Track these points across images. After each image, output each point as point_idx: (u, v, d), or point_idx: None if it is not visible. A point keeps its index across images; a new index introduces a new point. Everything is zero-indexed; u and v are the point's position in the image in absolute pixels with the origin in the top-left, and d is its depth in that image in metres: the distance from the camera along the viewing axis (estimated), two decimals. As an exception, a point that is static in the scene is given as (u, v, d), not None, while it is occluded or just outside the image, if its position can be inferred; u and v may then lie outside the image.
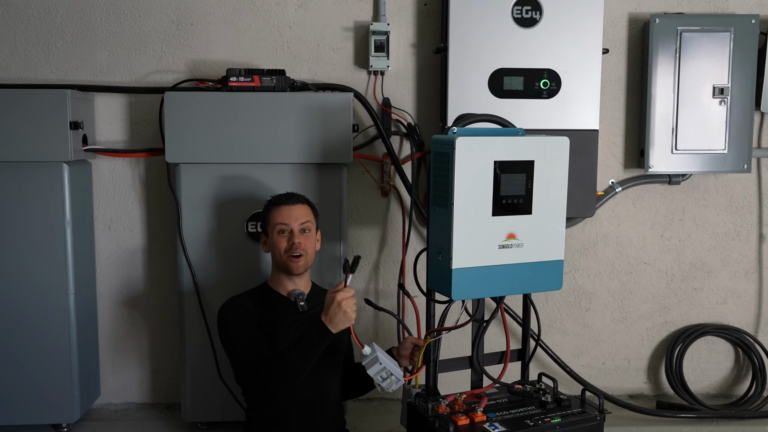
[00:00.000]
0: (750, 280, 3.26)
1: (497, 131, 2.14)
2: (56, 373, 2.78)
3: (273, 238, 2.38)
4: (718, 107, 2.97)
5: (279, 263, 2.38)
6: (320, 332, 2.11)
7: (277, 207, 2.39)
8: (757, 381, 3.18)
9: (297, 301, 2.36)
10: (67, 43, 2.98)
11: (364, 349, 2.11)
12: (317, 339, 2.12)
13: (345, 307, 2.09)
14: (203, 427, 2.91)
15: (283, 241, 2.35)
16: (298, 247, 2.34)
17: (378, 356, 2.09)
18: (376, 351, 2.11)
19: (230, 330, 2.28)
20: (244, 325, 2.28)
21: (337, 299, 2.09)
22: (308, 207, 2.43)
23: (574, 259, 3.19)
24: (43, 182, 2.71)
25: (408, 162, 3.05)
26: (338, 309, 2.09)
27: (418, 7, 3.04)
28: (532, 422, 2.03)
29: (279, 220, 2.37)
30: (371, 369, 2.09)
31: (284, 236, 2.36)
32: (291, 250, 2.34)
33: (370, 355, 2.10)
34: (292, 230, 2.36)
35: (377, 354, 2.09)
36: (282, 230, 2.36)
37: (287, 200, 2.41)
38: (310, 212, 2.42)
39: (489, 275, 2.05)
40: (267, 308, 2.35)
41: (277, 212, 2.38)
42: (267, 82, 2.76)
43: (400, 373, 2.14)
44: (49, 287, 2.75)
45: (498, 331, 2.96)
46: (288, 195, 2.43)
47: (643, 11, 3.07)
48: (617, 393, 3.22)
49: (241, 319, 2.29)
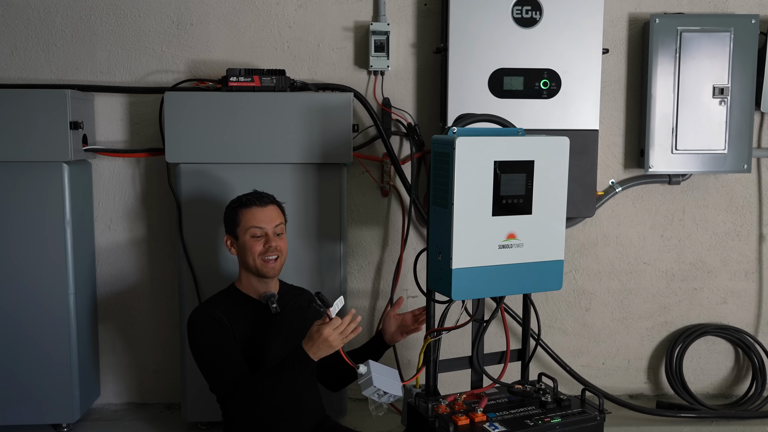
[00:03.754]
0: (750, 280, 3.26)
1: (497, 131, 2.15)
2: (56, 373, 2.78)
3: (245, 242, 2.29)
4: (718, 107, 2.97)
5: (251, 267, 2.30)
6: (302, 360, 2.08)
7: (247, 208, 2.30)
8: (757, 381, 3.18)
9: (269, 303, 2.30)
10: (67, 43, 2.98)
11: (359, 368, 2.10)
12: (299, 366, 2.09)
13: (331, 341, 2.05)
14: (203, 427, 2.91)
15: (258, 245, 2.28)
16: (274, 250, 2.29)
17: (372, 377, 2.06)
18: (371, 372, 2.08)
19: (204, 343, 2.21)
20: (218, 338, 2.20)
21: (323, 335, 2.04)
22: (278, 207, 2.37)
23: (574, 259, 3.19)
24: (43, 182, 2.71)
25: (408, 162, 3.05)
26: (324, 343, 2.06)
27: (418, 7, 3.04)
28: (532, 422, 2.03)
29: (252, 223, 2.28)
30: (365, 391, 2.08)
31: (259, 240, 2.28)
32: (267, 253, 2.28)
33: (365, 375, 2.08)
34: (267, 233, 2.29)
35: (371, 375, 2.07)
36: (256, 234, 2.29)
37: (258, 201, 2.31)
38: (281, 213, 2.37)
39: (489, 275, 2.05)
40: (238, 313, 2.28)
41: (248, 214, 2.29)
42: (267, 82, 2.76)
43: (397, 387, 2.12)
44: (49, 287, 2.75)
45: (498, 331, 2.96)
46: (258, 195, 2.34)
47: (643, 11, 3.07)
48: (617, 393, 3.22)
49: (214, 332, 2.21)
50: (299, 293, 2.50)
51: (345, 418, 2.91)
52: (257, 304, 2.34)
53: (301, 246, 2.80)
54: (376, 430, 2.89)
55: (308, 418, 2.36)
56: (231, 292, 2.37)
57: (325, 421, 2.44)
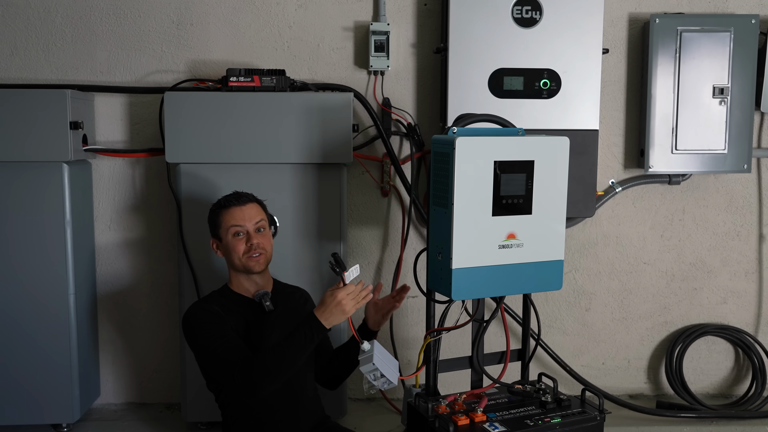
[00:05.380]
0: (750, 280, 3.26)
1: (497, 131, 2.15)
2: (56, 373, 2.78)
3: (228, 242, 2.30)
4: (718, 107, 2.97)
5: (237, 266, 2.32)
6: (314, 328, 2.09)
7: (227, 209, 2.32)
8: (757, 381, 3.18)
9: (262, 301, 2.31)
10: (67, 43, 2.98)
11: (363, 344, 2.09)
12: (311, 335, 2.09)
13: (345, 305, 2.07)
14: (203, 427, 2.91)
15: (240, 244, 2.29)
16: (257, 248, 2.30)
17: (374, 355, 2.06)
18: (374, 350, 2.08)
19: (203, 333, 2.21)
20: (217, 327, 2.20)
21: (337, 298, 2.07)
22: (258, 204, 2.38)
23: (574, 259, 3.19)
24: (43, 182, 2.71)
25: (408, 162, 3.05)
26: (337, 307, 2.07)
27: (418, 7, 3.04)
28: (532, 422, 2.03)
29: (232, 222, 2.30)
30: (363, 367, 2.07)
31: (240, 239, 2.30)
32: (250, 251, 2.29)
33: (368, 352, 2.08)
34: (248, 231, 2.31)
35: (373, 353, 2.07)
36: (237, 233, 2.30)
37: (237, 201, 2.33)
38: (261, 210, 2.38)
39: (489, 275, 2.05)
40: (234, 309, 2.29)
41: (228, 215, 2.31)
42: (267, 82, 2.76)
43: (395, 375, 2.11)
44: (49, 287, 2.75)
45: (498, 331, 2.96)
46: (236, 195, 2.36)
47: (643, 11, 3.07)
48: (617, 393, 3.22)
49: (213, 322, 2.21)
50: (294, 291, 2.50)
51: (345, 418, 2.91)
52: (251, 303, 2.34)
53: (301, 246, 2.80)
54: (376, 430, 2.89)
55: (306, 418, 2.36)
56: (224, 293, 2.38)
57: (325, 421, 2.44)
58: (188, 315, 2.28)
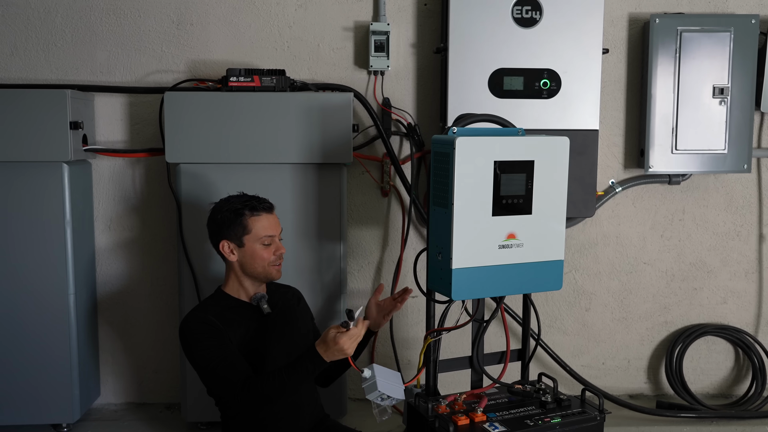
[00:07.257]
0: (750, 280, 3.26)
1: (497, 131, 2.15)
2: (56, 373, 2.78)
3: (255, 250, 2.26)
4: (718, 107, 2.97)
5: (258, 273, 2.29)
6: (315, 362, 2.07)
7: (256, 216, 2.27)
8: (757, 381, 3.18)
9: (260, 304, 2.29)
10: (67, 43, 2.98)
11: (364, 372, 2.07)
12: (312, 368, 2.08)
13: (346, 349, 2.04)
14: (203, 427, 2.91)
15: (268, 253, 2.27)
16: (281, 257, 2.31)
17: (377, 382, 2.04)
18: (375, 376, 2.05)
19: (200, 352, 2.18)
20: (215, 343, 2.18)
21: (339, 344, 2.02)
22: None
23: (574, 259, 3.19)
24: (43, 182, 2.71)
25: (408, 162, 3.05)
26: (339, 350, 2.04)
27: (418, 7, 3.04)
28: (532, 422, 2.03)
29: (265, 232, 2.27)
30: (369, 395, 2.06)
31: (269, 248, 2.28)
32: (277, 260, 2.29)
33: (370, 379, 2.06)
34: (274, 240, 2.30)
35: (376, 380, 2.04)
36: (267, 242, 2.28)
37: (265, 208, 2.30)
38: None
39: (489, 275, 2.05)
40: (230, 317, 2.25)
41: (258, 222, 2.27)
42: (267, 82, 2.76)
43: (400, 391, 2.09)
44: (49, 287, 2.75)
45: (498, 331, 2.96)
46: (260, 200, 2.31)
47: (643, 11, 3.07)
48: (617, 393, 3.22)
49: (211, 337, 2.17)
50: (286, 291, 2.50)
51: (345, 418, 2.91)
52: (248, 307, 2.32)
53: (301, 246, 2.80)
54: (377, 430, 2.89)
55: (307, 417, 2.36)
56: (220, 297, 2.34)
57: (325, 420, 2.45)
58: (184, 328, 2.23)
